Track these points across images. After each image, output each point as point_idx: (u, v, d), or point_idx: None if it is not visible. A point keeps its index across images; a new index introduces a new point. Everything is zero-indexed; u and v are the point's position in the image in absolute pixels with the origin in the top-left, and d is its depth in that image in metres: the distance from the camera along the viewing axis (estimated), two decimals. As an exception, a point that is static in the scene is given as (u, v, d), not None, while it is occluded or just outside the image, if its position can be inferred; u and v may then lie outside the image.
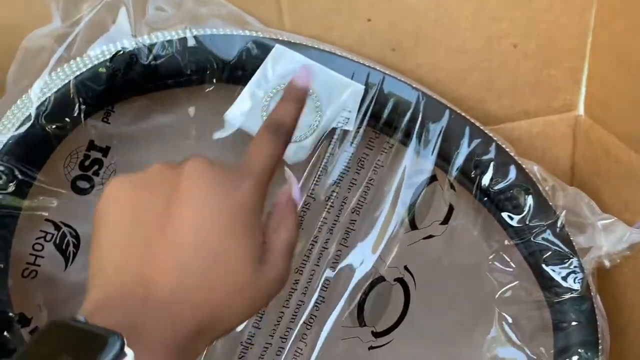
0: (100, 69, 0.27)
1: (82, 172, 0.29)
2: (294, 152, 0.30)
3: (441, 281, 0.32)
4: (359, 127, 0.31)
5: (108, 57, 0.28)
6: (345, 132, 0.31)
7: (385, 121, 0.31)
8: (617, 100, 0.35)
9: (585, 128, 0.37)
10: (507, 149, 0.32)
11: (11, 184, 0.27)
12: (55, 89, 0.27)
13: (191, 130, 0.30)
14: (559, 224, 0.32)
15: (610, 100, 0.35)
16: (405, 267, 0.32)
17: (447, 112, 0.31)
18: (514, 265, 0.33)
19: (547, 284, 0.32)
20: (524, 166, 0.32)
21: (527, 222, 0.32)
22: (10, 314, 0.28)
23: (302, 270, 0.31)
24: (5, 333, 0.27)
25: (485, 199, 0.32)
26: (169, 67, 0.28)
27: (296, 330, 0.31)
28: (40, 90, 0.27)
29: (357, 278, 0.31)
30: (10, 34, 0.31)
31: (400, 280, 0.32)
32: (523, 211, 0.32)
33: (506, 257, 0.33)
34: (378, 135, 0.31)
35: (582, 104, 0.37)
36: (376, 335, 0.32)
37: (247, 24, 0.30)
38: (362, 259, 0.31)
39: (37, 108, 0.27)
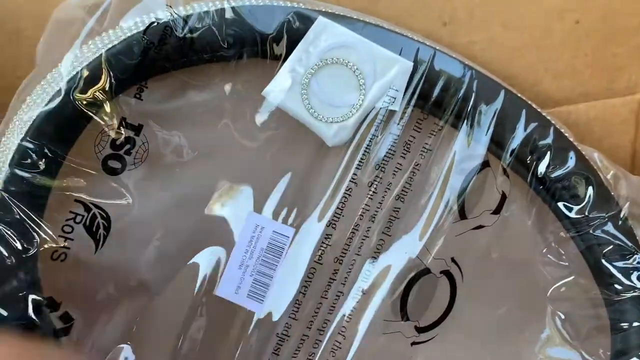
0: (133, 42, 0.26)
1: (113, 152, 0.27)
2: (335, 133, 0.28)
3: (490, 274, 0.30)
4: (406, 107, 0.29)
5: (142, 29, 0.26)
6: (391, 113, 0.28)
7: (434, 101, 0.29)
8: (688, 82, 0.32)
9: (650, 112, 0.34)
10: (566, 134, 0.30)
11: (40, 162, 0.26)
12: (86, 63, 0.26)
13: (227, 108, 0.28)
14: (621, 216, 0.29)
15: (680, 82, 0.32)
16: (452, 259, 0.30)
17: (503, 92, 0.29)
18: (569, 260, 0.30)
19: (605, 280, 0.29)
20: (583, 152, 0.30)
21: (586, 214, 0.29)
22: (40, 298, 0.27)
23: (341, 260, 0.29)
24: (34, 317, 0.27)
25: (541, 187, 0.30)
26: (205, 40, 0.26)
27: (334, 323, 0.29)
28: (71, 64, 0.26)
29: (400, 269, 0.29)
30: (38, 3, 0.30)
31: (447, 273, 0.30)
32: (582, 201, 0.29)
33: (561, 251, 0.30)
34: (426, 116, 0.29)
35: (647, 86, 0.34)
36: (419, 330, 0.30)
37: (288, -5, 0.28)
38: (406, 249, 0.29)
39: (68, 82, 0.26)
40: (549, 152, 0.29)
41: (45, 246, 0.27)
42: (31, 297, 0.26)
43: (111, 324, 0.28)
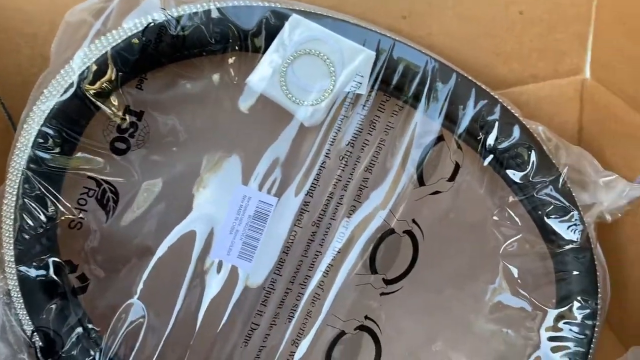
0: (134, 40, 0.30)
1: (119, 135, 0.32)
2: (311, 114, 0.33)
3: (448, 234, 0.35)
4: (370, 91, 0.33)
5: (140, 29, 0.30)
6: (358, 96, 0.33)
7: (395, 85, 0.33)
8: (621, 63, 0.36)
9: (591, 91, 0.39)
10: (512, 110, 0.34)
11: (57, 145, 0.30)
12: (94, 59, 0.30)
13: (215, 95, 0.33)
14: (561, 180, 0.34)
15: (614, 63, 0.37)
16: (414, 220, 0.34)
17: (454, 75, 0.33)
18: (518, 220, 0.35)
19: (549, 236, 0.34)
20: (528, 126, 0.34)
21: (530, 179, 0.34)
22: (59, 261, 0.31)
23: (319, 224, 0.34)
24: (55, 277, 0.31)
25: (491, 157, 0.34)
26: (195, 37, 0.31)
27: (313, 278, 0.34)
28: (81, 60, 0.30)
29: (370, 230, 0.34)
30: (52, 11, 0.34)
31: (409, 233, 0.34)
32: (526, 168, 0.34)
33: (511, 212, 0.35)
34: (389, 98, 0.34)
35: (588, 67, 0.38)
36: (387, 282, 0.34)
37: (265, -4, 0.33)
38: (374, 213, 0.34)
39: (79, 76, 0.30)
40: (496, 126, 0.33)
41: (64, 217, 0.31)
42: (52, 260, 0.31)
43: (121, 284, 0.33)
